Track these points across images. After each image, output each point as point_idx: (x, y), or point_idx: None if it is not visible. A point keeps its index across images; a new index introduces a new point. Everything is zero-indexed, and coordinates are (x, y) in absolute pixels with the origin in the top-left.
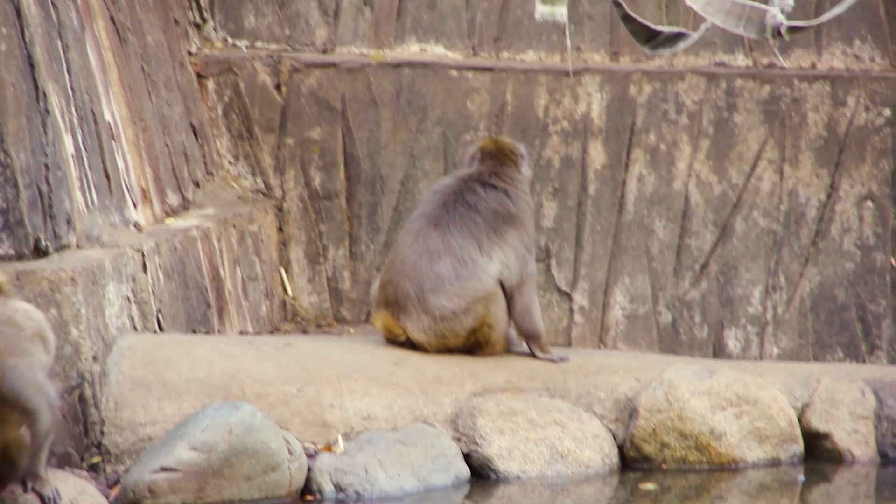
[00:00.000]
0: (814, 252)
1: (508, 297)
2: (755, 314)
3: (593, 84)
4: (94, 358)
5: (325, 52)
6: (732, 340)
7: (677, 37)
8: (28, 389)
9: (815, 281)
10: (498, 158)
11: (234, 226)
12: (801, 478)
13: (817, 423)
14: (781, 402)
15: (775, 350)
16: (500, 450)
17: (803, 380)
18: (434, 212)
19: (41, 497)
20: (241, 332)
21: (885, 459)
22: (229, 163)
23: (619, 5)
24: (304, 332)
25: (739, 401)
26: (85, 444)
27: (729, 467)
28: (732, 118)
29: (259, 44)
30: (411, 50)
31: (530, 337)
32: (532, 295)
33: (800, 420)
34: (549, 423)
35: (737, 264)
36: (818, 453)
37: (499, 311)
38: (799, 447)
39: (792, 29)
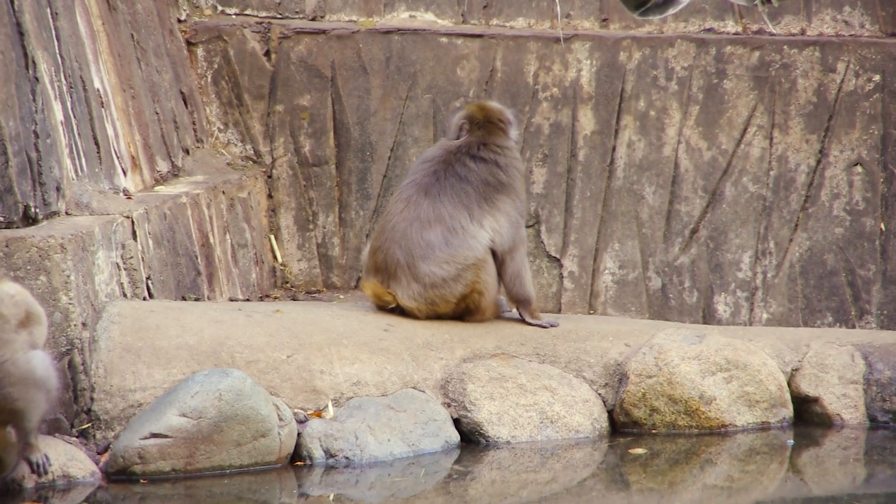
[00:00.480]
0: (803, 217)
1: (499, 262)
2: (745, 279)
3: (583, 50)
4: (84, 325)
5: (314, 19)
6: (722, 306)
7: (666, 3)
8: (13, 388)
9: (805, 246)
10: (486, 128)
11: (223, 193)
12: (791, 442)
13: (807, 388)
14: (771, 366)
15: (765, 315)
16: (489, 415)
17: (793, 344)
18: (425, 180)
19: (30, 463)
20: (231, 299)
21: (874, 423)
22: (219, 130)
23: None
24: (294, 298)
25: (729, 365)
26: (75, 410)
27: (718, 432)
28: (722, 84)
29: (249, 11)
30: (401, 17)
31: (521, 302)
32: (523, 260)
33: (789, 384)
34: (539, 389)
35: (726, 230)
36: (808, 417)
37: (488, 278)
38: (788, 411)
39: None
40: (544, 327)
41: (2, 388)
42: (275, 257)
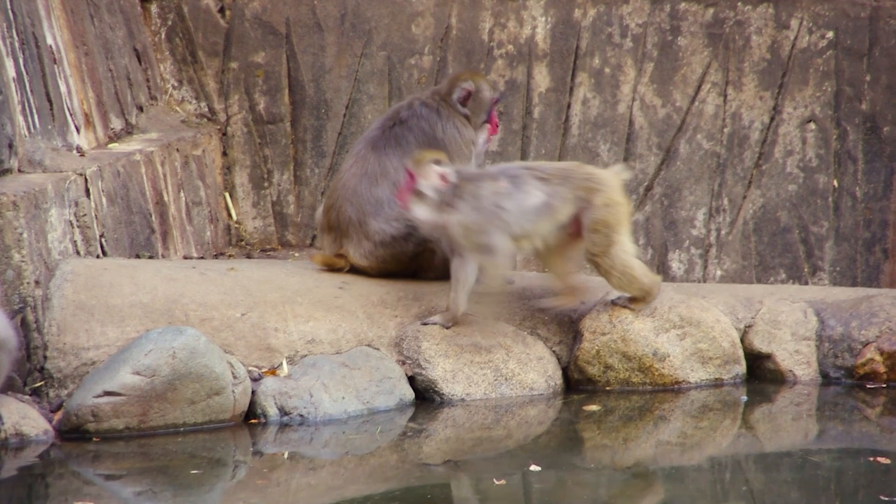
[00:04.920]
0: (757, 174)
1: None
2: (699, 236)
3: (538, 7)
4: (37, 283)
5: None
6: (676, 263)
7: None
8: None
9: (758, 203)
10: (451, 85)
11: (177, 150)
12: (744, 398)
13: (760, 344)
14: (724, 323)
15: (719, 272)
16: (444, 372)
17: (746, 301)
18: (373, 133)
19: None
20: (185, 257)
21: (826, 379)
22: (173, 87)
23: None
24: (249, 256)
25: (682, 323)
26: (28, 368)
27: (672, 388)
28: (676, 41)
29: None
30: None
31: None
32: None
33: (742, 341)
34: (494, 346)
35: (680, 187)
36: (760, 374)
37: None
38: (741, 368)
39: None
40: None
41: None
42: (229, 215)
